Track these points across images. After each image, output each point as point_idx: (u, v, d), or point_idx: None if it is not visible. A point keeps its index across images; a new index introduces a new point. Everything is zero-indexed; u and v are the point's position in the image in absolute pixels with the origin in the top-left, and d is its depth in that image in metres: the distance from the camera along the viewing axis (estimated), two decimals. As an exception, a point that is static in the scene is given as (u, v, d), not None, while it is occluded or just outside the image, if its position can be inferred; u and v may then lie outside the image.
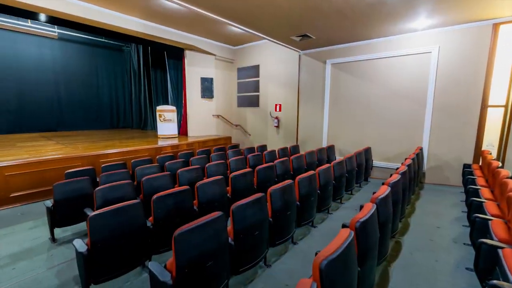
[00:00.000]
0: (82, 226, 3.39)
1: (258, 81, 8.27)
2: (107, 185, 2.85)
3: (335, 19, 4.63)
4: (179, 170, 3.61)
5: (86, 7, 5.09)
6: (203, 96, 8.26)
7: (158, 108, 7.71)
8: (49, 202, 3.04)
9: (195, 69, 8.07)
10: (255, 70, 8.28)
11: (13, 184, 4.18)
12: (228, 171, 4.36)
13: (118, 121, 11.40)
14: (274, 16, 4.58)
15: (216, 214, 1.91)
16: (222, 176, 3.12)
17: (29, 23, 8.24)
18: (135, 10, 5.46)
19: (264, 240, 2.41)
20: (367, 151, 5.47)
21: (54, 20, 5.48)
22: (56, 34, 8.86)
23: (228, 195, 3.26)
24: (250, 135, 8.71)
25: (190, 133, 8.24)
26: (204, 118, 8.43)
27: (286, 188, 2.67)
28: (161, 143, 6.71)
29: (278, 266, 2.60)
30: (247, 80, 8.57)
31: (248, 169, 3.53)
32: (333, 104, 6.71)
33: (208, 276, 1.85)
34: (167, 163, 4.29)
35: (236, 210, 2.12)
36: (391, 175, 2.99)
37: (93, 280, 2.06)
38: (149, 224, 2.44)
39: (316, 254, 1.37)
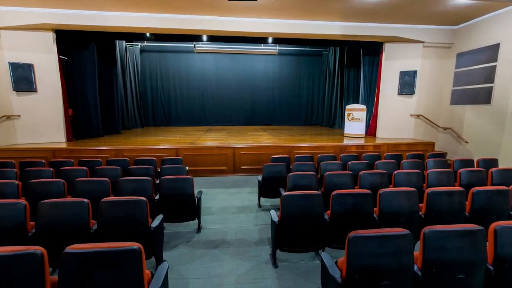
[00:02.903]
0: (277, 201, 4.27)
1: (493, 67, 5.80)
2: (297, 172, 3.37)
3: None
4: (361, 172, 3.45)
5: (299, 24, 6.17)
6: (400, 92, 7.19)
7: (348, 107, 7.76)
8: (259, 177, 4.13)
9: (394, 63, 7.17)
10: (489, 52, 5.87)
11: (243, 159, 6.09)
12: (424, 185, 3.54)
13: (311, 119, 12.97)
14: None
15: (402, 231, 1.64)
16: (415, 189, 2.60)
17: (262, 46, 11.40)
18: (335, 15, 5.81)
19: (474, 291, 1.72)
20: None
21: (278, 40, 7.22)
22: (277, 51, 11.53)
23: (420, 213, 2.66)
24: (467, 142, 6.42)
25: (379, 133, 7.56)
26: (399, 118, 7.34)
27: (531, 231, 1.71)
28: (346, 141, 6.75)
29: None
30: (472, 68, 6.30)
31: (457, 188, 2.65)
32: None
33: (382, 295, 1.65)
34: (350, 162, 4.25)
35: (430, 235, 1.68)
36: None
37: (279, 246, 2.56)
38: (326, 217, 2.58)
39: None
